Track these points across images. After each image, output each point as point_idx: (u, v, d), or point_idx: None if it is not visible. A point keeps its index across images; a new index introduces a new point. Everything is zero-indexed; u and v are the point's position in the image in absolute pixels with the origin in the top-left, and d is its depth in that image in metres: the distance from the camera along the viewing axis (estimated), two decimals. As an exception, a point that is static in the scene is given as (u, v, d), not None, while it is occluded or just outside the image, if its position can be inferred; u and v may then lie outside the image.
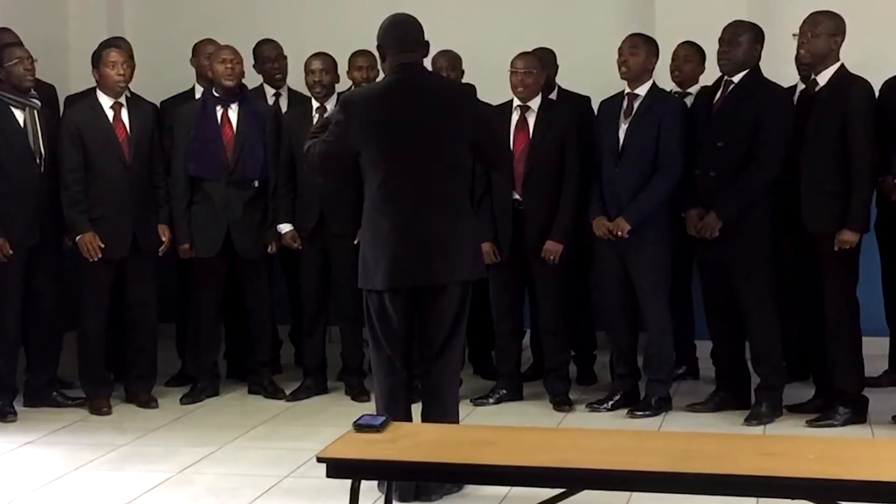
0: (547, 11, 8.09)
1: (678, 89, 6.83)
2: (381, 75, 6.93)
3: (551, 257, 6.31)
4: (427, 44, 4.98)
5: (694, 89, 6.76)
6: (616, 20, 7.66)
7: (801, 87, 6.37)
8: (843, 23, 5.89)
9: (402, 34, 4.92)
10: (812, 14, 5.92)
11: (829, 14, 5.90)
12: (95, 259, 6.33)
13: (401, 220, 4.83)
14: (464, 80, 6.77)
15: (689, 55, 6.83)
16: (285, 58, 7.35)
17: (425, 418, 4.94)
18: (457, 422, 5.06)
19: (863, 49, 6.19)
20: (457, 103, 4.97)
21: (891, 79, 6.24)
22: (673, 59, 6.83)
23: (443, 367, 4.96)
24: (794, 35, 6.12)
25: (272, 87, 7.35)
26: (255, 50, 7.36)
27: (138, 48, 7.19)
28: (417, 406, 5.08)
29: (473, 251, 5.00)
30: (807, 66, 6.21)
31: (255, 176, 6.62)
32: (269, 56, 7.34)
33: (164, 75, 7.54)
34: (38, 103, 6.42)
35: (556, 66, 7.01)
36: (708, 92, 6.28)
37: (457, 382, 5.15)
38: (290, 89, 7.37)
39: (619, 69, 6.24)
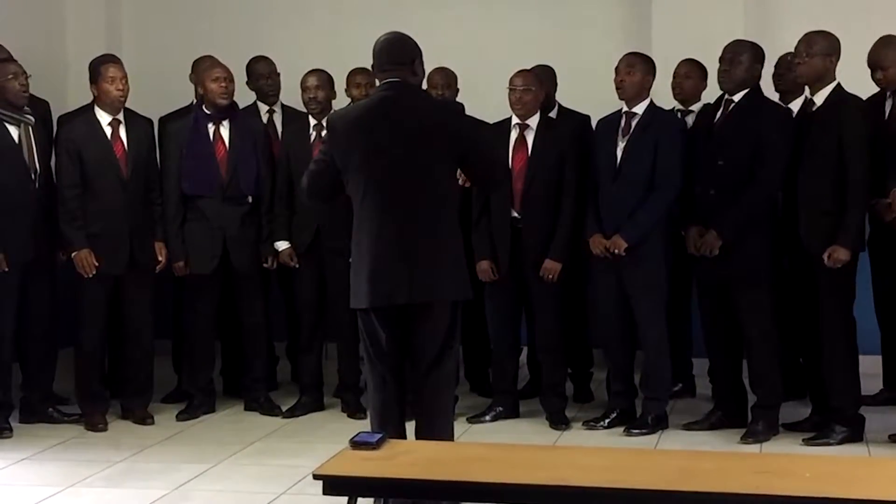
0: (544, 30, 8.11)
1: (680, 107, 6.83)
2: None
3: (550, 276, 6.31)
4: (412, 61, 4.90)
5: (696, 106, 6.76)
6: (613, 39, 7.69)
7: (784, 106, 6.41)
8: (839, 42, 5.91)
9: (384, 53, 4.90)
10: (807, 34, 5.94)
11: (824, 34, 5.91)
12: (90, 275, 6.33)
13: (379, 239, 4.82)
14: (463, 98, 6.78)
15: (690, 72, 6.82)
16: (278, 74, 7.35)
17: (418, 435, 4.92)
18: (451, 439, 5.04)
19: (859, 68, 6.20)
20: (439, 121, 4.88)
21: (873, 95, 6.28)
22: (674, 77, 6.83)
23: (434, 384, 4.93)
24: (788, 55, 6.14)
25: (265, 103, 7.34)
26: (248, 67, 7.35)
27: (136, 64, 7.20)
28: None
29: (458, 271, 4.93)
30: (787, 84, 6.25)
31: (249, 191, 6.63)
32: (263, 73, 7.33)
33: (162, 92, 7.53)
34: (32, 119, 6.42)
35: (556, 84, 7.02)
36: (708, 110, 6.30)
37: (450, 400, 5.10)
38: (283, 105, 7.37)
39: (617, 88, 6.25)
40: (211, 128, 6.62)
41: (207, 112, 6.64)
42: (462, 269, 4.99)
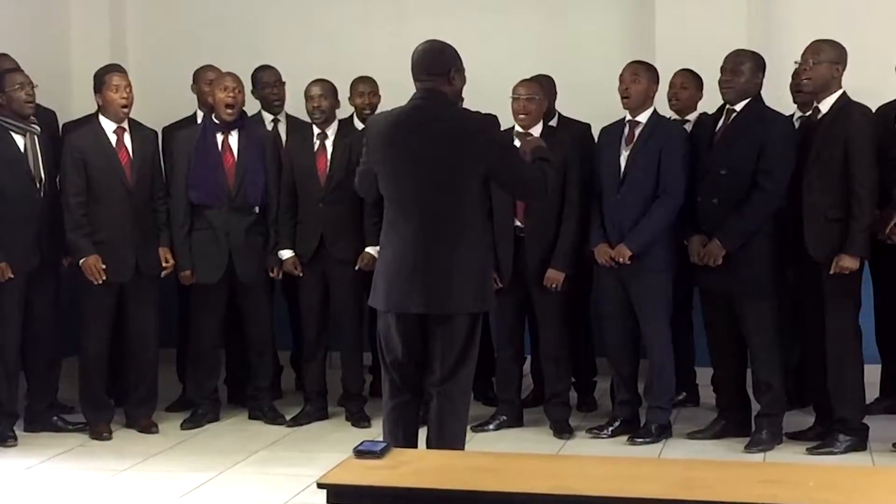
0: (547, 39, 8.11)
1: (676, 117, 6.84)
2: (382, 101, 7.06)
3: (553, 285, 6.32)
4: (448, 71, 4.91)
5: (692, 116, 6.79)
6: (616, 48, 7.69)
7: (798, 114, 6.41)
8: (845, 51, 5.92)
9: (420, 62, 4.91)
10: (814, 42, 5.95)
11: (831, 42, 5.93)
12: (99, 282, 6.34)
13: (400, 245, 4.84)
14: (464, 107, 6.77)
15: (686, 82, 6.85)
16: (284, 83, 7.35)
17: (429, 444, 4.92)
18: (461, 450, 5.02)
19: (863, 76, 6.20)
20: (469, 133, 4.85)
21: (881, 107, 6.26)
22: (670, 87, 6.85)
23: (447, 395, 4.91)
24: (795, 63, 6.15)
25: (270, 113, 7.34)
26: (253, 76, 7.36)
27: (141, 74, 7.19)
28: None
29: (479, 283, 4.90)
30: (804, 94, 6.23)
31: (256, 202, 6.64)
32: (268, 82, 7.34)
33: (166, 101, 7.54)
34: (38, 129, 6.43)
35: (556, 93, 7.03)
36: (709, 119, 6.30)
37: (463, 411, 5.06)
38: (288, 115, 7.37)
39: (621, 97, 6.26)
40: (219, 137, 6.63)
41: (216, 121, 6.64)
42: (484, 280, 4.96)
